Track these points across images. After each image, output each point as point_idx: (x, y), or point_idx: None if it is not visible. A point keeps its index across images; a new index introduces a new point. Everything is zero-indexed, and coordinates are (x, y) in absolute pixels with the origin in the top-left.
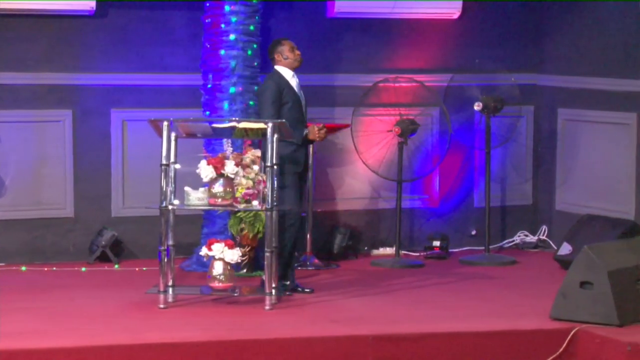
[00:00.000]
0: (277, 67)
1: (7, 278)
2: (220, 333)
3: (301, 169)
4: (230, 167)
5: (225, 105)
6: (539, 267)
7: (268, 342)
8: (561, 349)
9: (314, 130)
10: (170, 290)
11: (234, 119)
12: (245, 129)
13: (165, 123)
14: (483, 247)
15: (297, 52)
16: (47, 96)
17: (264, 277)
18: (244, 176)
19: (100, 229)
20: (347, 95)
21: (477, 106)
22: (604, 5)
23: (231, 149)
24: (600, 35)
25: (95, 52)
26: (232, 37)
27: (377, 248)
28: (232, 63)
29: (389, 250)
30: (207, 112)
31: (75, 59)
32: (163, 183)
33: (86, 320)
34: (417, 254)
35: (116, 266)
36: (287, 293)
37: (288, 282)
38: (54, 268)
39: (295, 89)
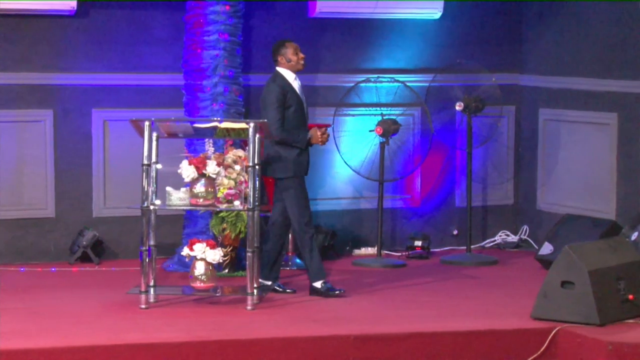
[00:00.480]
0: (279, 69)
1: None
2: (201, 333)
3: (305, 172)
4: (211, 167)
5: (207, 105)
6: (521, 266)
7: (250, 342)
8: (542, 349)
9: (316, 135)
10: (152, 290)
11: (215, 119)
12: (227, 129)
13: (147, 123)
14: (465, 247)
15: (301, 55)
16: (28, 96)
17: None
18: (225, 176)
19: (82, 229)
20: (329, 95)
21: (459, 106)
22: (585, 6)
23: (213, 149)
24: (581, 36)
25: (76, 52)
26: (213, 37)
27: (359, 248)
28: (214, 63)
29: (371, 250)
30: (189, 112)
31: (56, 59)
32: (144, 183)
33: (67, 320)
34: (399, 253)
35: (97, 266)
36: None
37: (270, 283)
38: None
39: (298, 91)
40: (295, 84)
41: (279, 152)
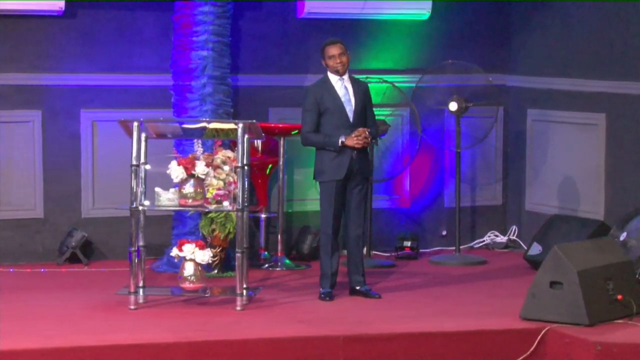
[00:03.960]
0: (328, 72)
1: None
2: (190, 334)
3: (342, 176)
4: (200, 168)
5: (196, 105)
6: (509, 267)
7: (238, 343)
8: (531, 349)
9: (350, 136)
10: (141, 291)
11: (204, 119)
12: (216, 130)
13: (136, 124)
14: (453, 247)
15: (337, 60)
16: (15, 97)
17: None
18: (214, 177)
19: (70, 229)
20: None
21: (452, 106)
22: (572, 6)
23: (202, 149)
24: (568, 36)
25: (64, 53)
26: (202, 37)
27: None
28: (202, 63)
29: None
30: (177, 113)
31: (44, 59)
32: (133, 184)
33: (55, 321)
34: (388, 254)
35: (86, 266)
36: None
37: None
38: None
39: (340, 94)
40: (339, 85)
41: (318, 156)
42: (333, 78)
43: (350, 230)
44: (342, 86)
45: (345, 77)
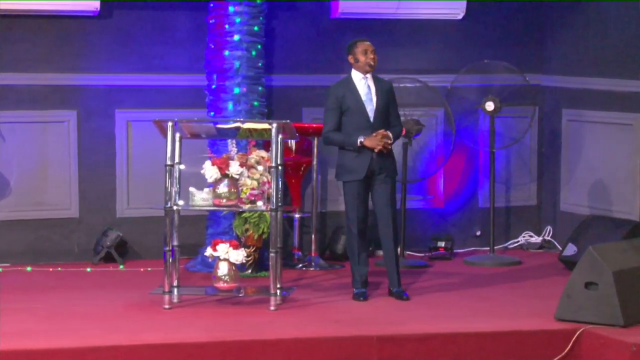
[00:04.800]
0: (352, 70)
1: (11, 278)
2: (224, 334)
3: (361, 177)
4: (234, 168)
5: (230, 105)
6: (544, 267)
7: (272, 343)
8: (566, 350)
9: (370, 137)
10: (175, 290)
11: (238, 119)
12: (250, 130)
13: (170, 123)
14: (488, 248)
15: (371, 55)
16: (51, 97)
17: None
18: (248, 177)
19: (105, 229)
20: None
21: (488, 106)
22: (607, 6)
23: (236, 149)
24: (604, 36)
25: (99, 53)
26: (236, 37)
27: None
28: (236, 64)
29: None
30: (212, 113)
31: (79, 60)
32: (167, 183)
33: (90, 320)
34: (422, 254)
35: (121, 267)
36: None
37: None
38: (59, 269)
39: (362, 93)
40: (362, 85)
41: (339, 156)
42: (356, 77)
43: (380, 231)
44: (365, 85)
45: (369, 76)
